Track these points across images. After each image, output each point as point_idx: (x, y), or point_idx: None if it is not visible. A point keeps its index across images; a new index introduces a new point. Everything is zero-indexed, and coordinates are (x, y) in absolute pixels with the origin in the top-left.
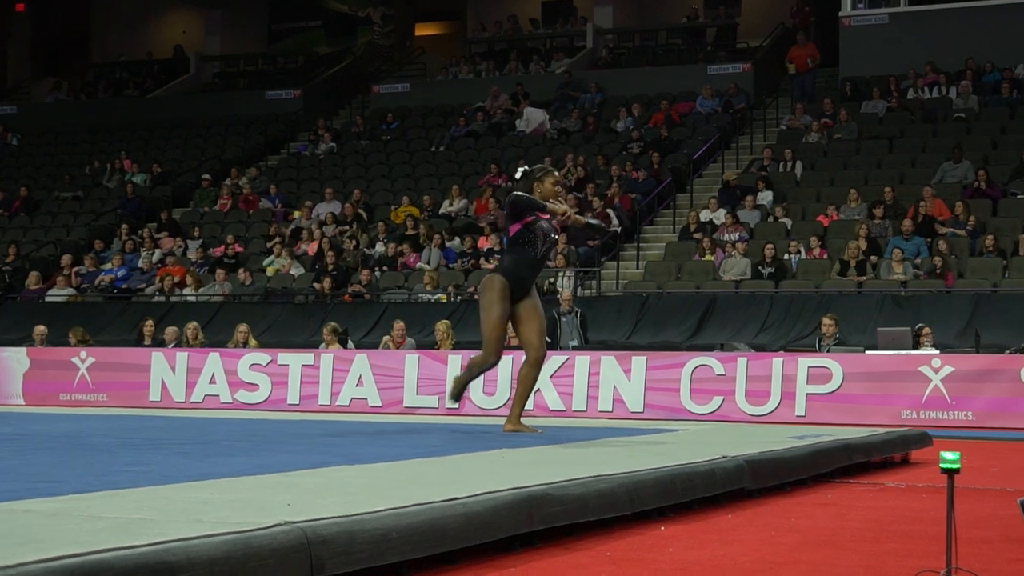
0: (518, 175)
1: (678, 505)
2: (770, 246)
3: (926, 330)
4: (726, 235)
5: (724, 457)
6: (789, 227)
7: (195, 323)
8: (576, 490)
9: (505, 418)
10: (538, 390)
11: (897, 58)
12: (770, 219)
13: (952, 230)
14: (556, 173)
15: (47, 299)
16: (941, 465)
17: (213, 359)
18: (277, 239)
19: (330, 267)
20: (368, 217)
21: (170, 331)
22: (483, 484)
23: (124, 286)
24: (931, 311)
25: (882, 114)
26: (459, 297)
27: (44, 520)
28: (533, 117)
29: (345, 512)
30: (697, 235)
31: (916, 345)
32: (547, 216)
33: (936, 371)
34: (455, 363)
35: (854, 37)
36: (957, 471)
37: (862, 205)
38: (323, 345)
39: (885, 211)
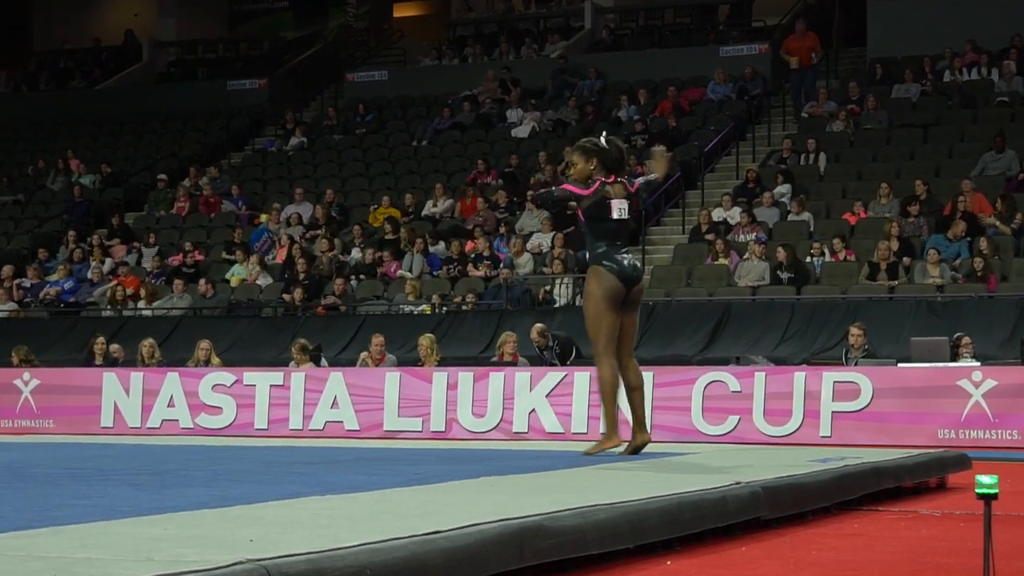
0: (603, 141)
1: (686, 537)
2: (787, 248)
3: (965, 340)
4: (742, 236)
5: (737, 483)
6: (812, 226)
7: (151, 340)
8: (572, 521)
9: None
10: (532, 410)
11: (932, 36)
12: (790, 217)
13: (995, 227)
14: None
15: None
16: (977, 490)
17: (172, 380)
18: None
19: (301, 276)
20: (343, 220)
21: (115, 348)
22: (468, 515)
23: (72, 299)
24: (971, 318)
25: (915, 99)
26: (444, 308)
27: None
28: (526, 121)
29: (314, 548)
30: (709, 236)
31: (954, 357)
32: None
33: (977, 385)
34: (440, 381)
35: (883, 13)
36: (995, 497)
37: (893, 201)
38: (292, 364)
39: (920, 207)
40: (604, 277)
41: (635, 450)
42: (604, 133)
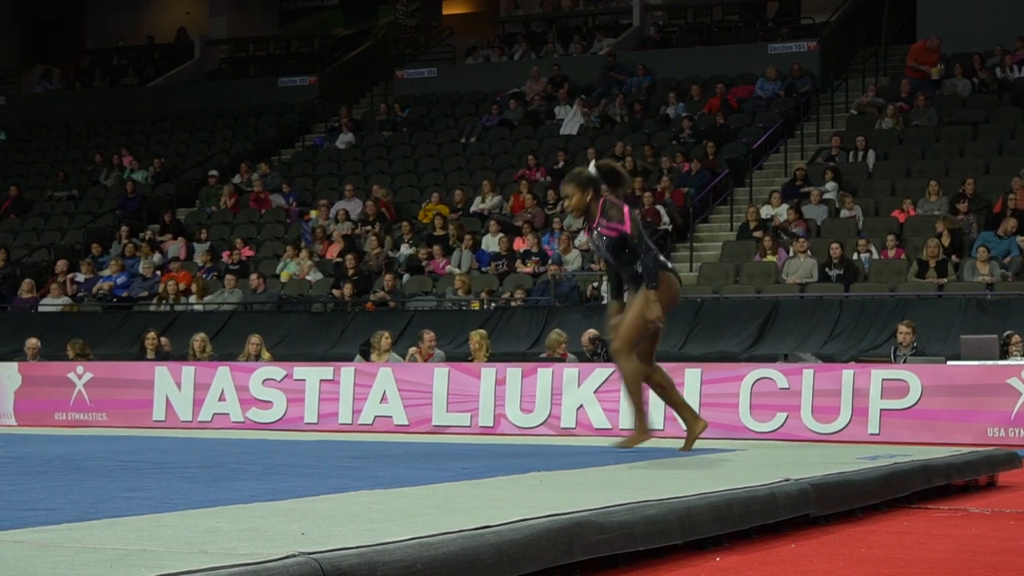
0: (592, 168)
1: (735, 533)
2: (839, 244)
3: (1015, 338)
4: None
5: (786, 480)
6: (860, 223)
7: (203, 334)
8: (621, 517)
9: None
10: (580, 406)
11: (982, 32)
12: (839, 214)
13: None
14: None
15: (40, 309)
16: None
17: (223, 374)
18: (297, 242)
19: (351, 272)
20: (392, 216)
21: (164, 341)
22: (518, 511)
23: (124, 294)
24: (1021, 316)
25: (965, 96)
26: (493, 304)
27: (36, 552)
28: (572, 118)
29: (365, 542)
30: (757, 233)
31: (1004, 355)
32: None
33: None
34: (489, 377)
35: (933, 9)
36: None
37: (943, 198)
38: (374, 355)
39: (969, 205)
40: (672, 284)
41: (695, 438)
42: (593, 161)
